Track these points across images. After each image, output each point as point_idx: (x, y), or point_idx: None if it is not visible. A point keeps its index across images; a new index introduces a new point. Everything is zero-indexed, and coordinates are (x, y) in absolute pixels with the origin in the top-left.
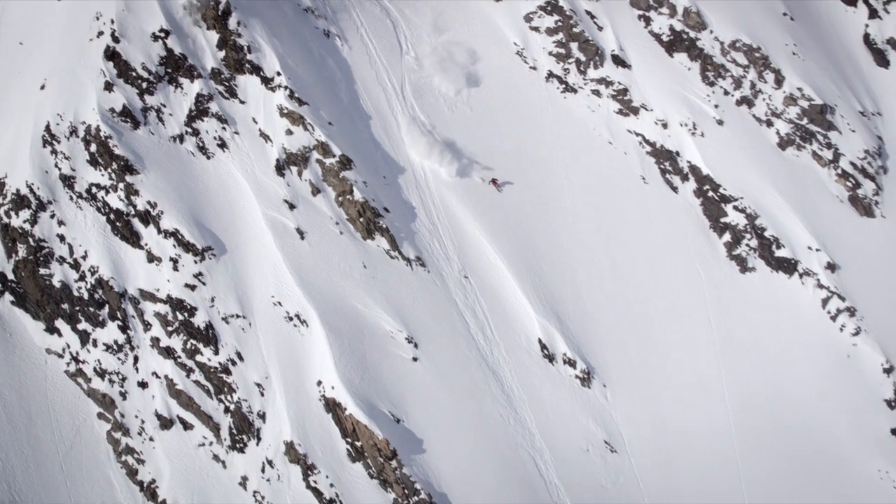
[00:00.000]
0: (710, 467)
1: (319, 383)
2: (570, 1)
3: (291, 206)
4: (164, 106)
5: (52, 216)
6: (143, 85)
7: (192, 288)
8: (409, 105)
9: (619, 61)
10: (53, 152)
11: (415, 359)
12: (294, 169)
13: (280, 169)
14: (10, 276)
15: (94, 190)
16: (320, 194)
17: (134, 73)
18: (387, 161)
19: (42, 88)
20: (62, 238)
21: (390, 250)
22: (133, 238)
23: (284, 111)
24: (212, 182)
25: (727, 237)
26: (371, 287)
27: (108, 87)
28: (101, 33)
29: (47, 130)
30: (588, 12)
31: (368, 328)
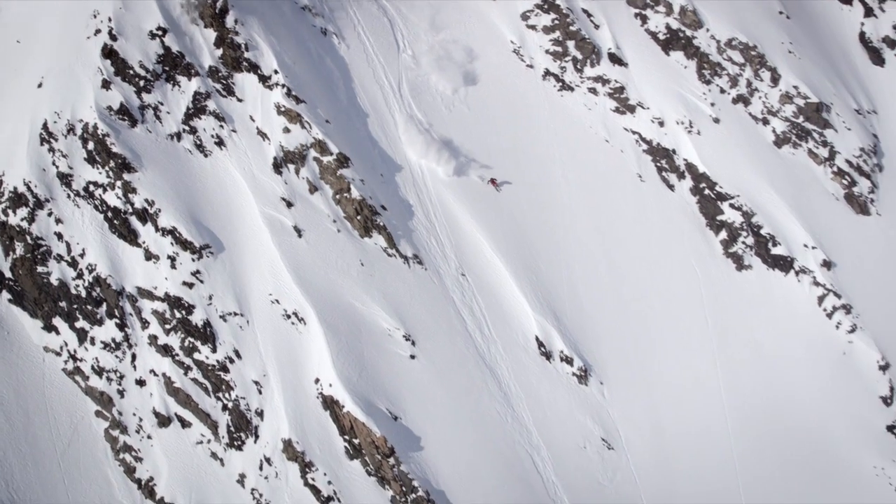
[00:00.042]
0: (706, 463)
1: (317, 381)
2: None
3: (289, 204)
4: (162, 104)
5: (49, 214)
6: (141, 83)
7: (189, 286)
8: (406, 103)
9: (616, 59)
10: (51, 150)
11: (412, 356)
12: (291, 167)
13: (277, 167)
14: (8, 274)
15: (92, 188)
16: (317, 192)
17: (131, 71)
18: (384, 159)
19: (39, 86)
20: (60, 236)
21: (388, 248)
22: (131, 236)
23: (282, 109)
24: (209, 180)
25: (723, 235)
26: (368, 285)
27: (106, 84)
28: (98, 31)
29: (45, 128)
30: (585, 10)
31: (366, 326)
